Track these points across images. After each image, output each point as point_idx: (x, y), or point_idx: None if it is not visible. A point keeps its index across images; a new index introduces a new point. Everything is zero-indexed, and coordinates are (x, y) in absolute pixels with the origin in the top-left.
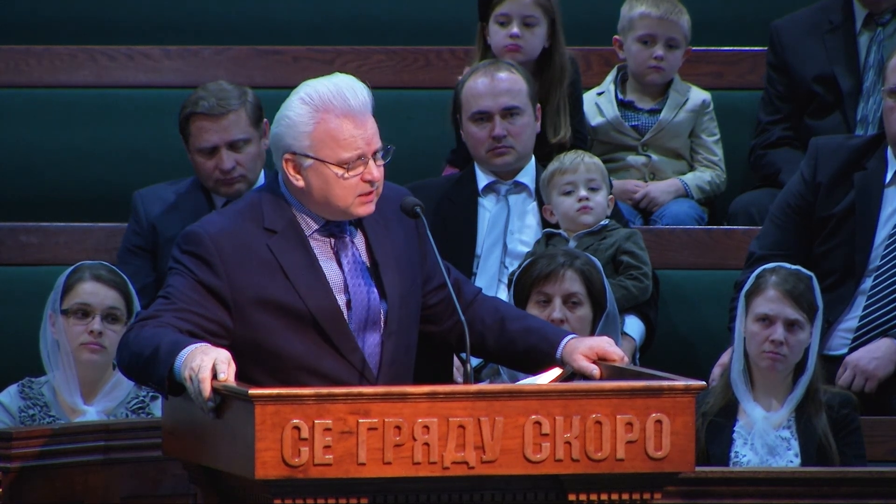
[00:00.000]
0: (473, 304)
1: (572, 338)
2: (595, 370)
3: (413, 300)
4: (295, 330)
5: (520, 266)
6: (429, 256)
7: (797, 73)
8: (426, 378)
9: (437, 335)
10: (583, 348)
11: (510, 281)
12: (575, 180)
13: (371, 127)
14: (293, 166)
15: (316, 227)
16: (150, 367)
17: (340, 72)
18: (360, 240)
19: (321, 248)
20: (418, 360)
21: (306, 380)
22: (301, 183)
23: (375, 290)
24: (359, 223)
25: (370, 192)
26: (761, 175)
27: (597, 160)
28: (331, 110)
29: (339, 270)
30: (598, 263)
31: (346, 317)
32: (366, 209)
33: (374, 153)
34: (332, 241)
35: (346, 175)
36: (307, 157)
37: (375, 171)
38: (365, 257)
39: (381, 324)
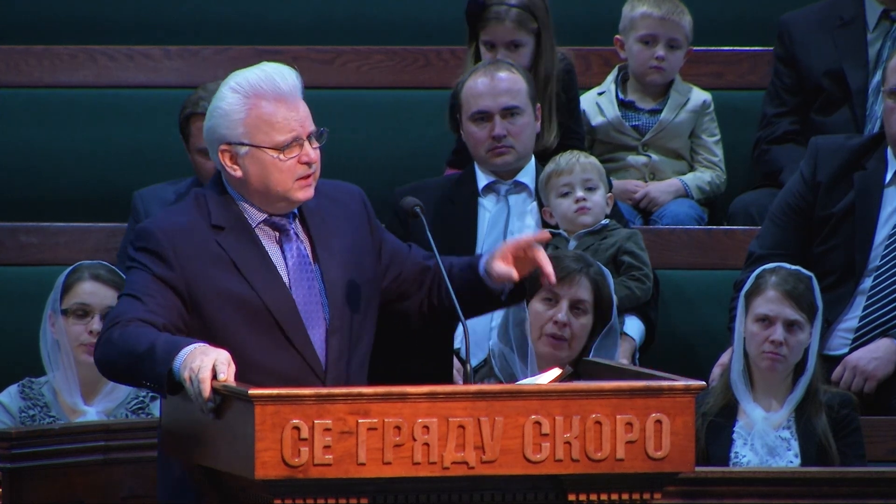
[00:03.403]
0: (429, 269)
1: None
2: (514, 273)
3: (363, 294)
4: (250, 323)
5: None
6: (385, 243)
7: (805, 68)
8: (426, 378)
9: (412, 309)
10: (498, 253)
11: None
12: (571, 181)
13: (303, 110)
14: (230, 157)
15: (261, 218)
16: (144, 364)
17: (340, 72)
18: (303, 234)
19: (266, 241)
20: (418, 360)
21: (256, 379)
22: (239, 173)
23: (316, 286)
24: (302, 220)
25: (308, 176)
26: (763, 171)
27: (593, 159)
28: (262, 95)
29: (283, 265)
30: (609, 275)
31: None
32: (305, 193)
33: (309, 136)
34: (277, 234)
35: (282, 157)
36: (242, 144)
37: (312, 152)
38: (308, 252)
39: (324, 320)
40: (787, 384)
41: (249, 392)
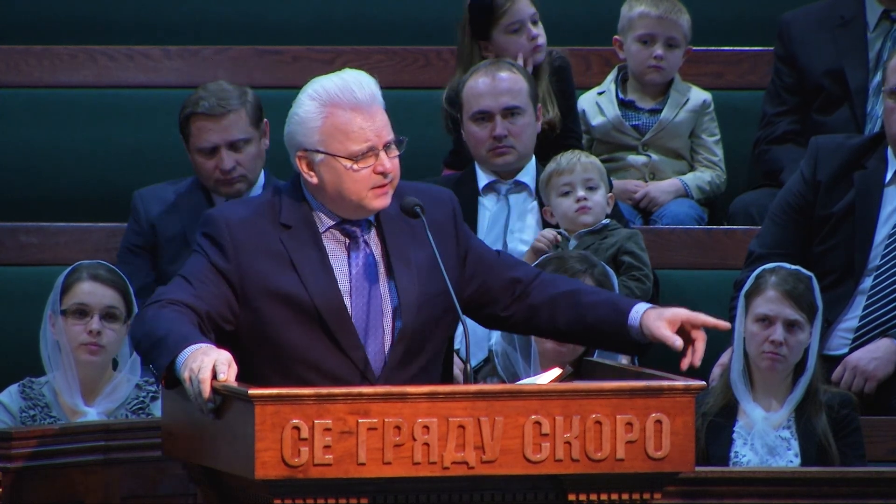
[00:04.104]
0: (535, 283)
1: (649, 308)
2: (678, 342)
3: (436, 305)
4: (299, 323)
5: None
6: (471, 252)
7: (805, 67)
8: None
9: (497, 315)
10: (667, 315)
11: None
12: (572, 181)
13: (381, 119)
14: (306, 163)
15: (330, 223)
16: (155, 350)
17: None
18: (376, 242)
19: (333, 246)
20: None
21: (306, 375)
22: (315, 179)
23: (380, 295)
24: (379, 226)
25: (384, 185)
26: (763, 171)
27: (594, 159)
28: (338, 104)
29: (346, 271)
30: (613, 275)
31: (350, 315)
32: (380, 202)
33: (386, 145)
34: (347, 241)
35: (356, 167)
36: (318, 152)
37: (387, 162)
38: (380, 260)
39: (387, 329)
40: (787, 384)
41: (249, 392)
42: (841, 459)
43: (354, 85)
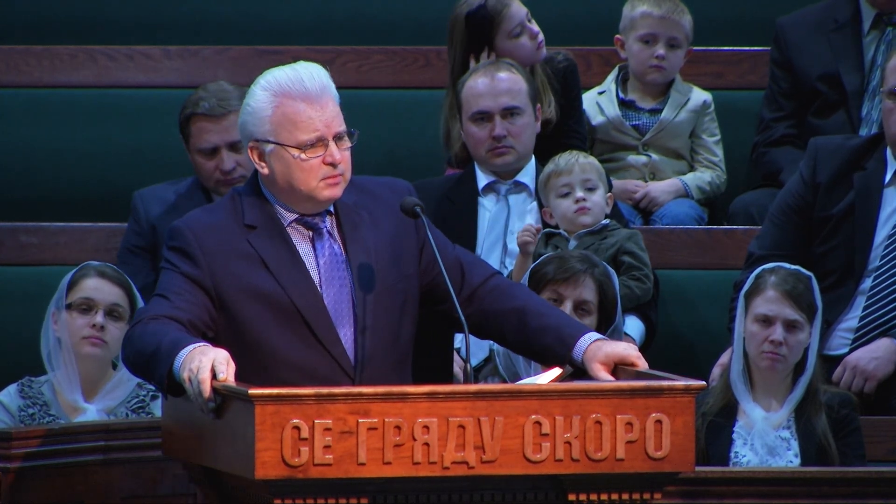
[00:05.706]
0: (486, 288)
1: (592, 342)
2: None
3: (399, 291)
4: (277, 321)
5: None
6: (426, 247)
7: (801, 71)
8: (426, 374)
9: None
10: (601, 356)
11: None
12: (571, 181)
13: (331, 110)
14: (257, 153)
15: (292, 218)
16: (151, 364)
17: (340, 72)
18: (337, 233)
19: (299, 240)
20: (419, 356)
21: (286, 375)
22: (266, 170)
23: (348, 286)
24: (337, 216)
25: (334, 176)
26: (762, 173)
27: (592, 160)
28: (288, 94)
29: (315, 264)
30: (614, 275)
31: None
32: (331, 192)
33: (337, 136)
34: (310, 233)
35: (304, 156)
36: (268, 142)
37: (337, 153)
38: (342, 250)
39: (358, 317)
40: (787, 384)
41: (249, 392)
42: (841, 459)
43: (305, 76)
